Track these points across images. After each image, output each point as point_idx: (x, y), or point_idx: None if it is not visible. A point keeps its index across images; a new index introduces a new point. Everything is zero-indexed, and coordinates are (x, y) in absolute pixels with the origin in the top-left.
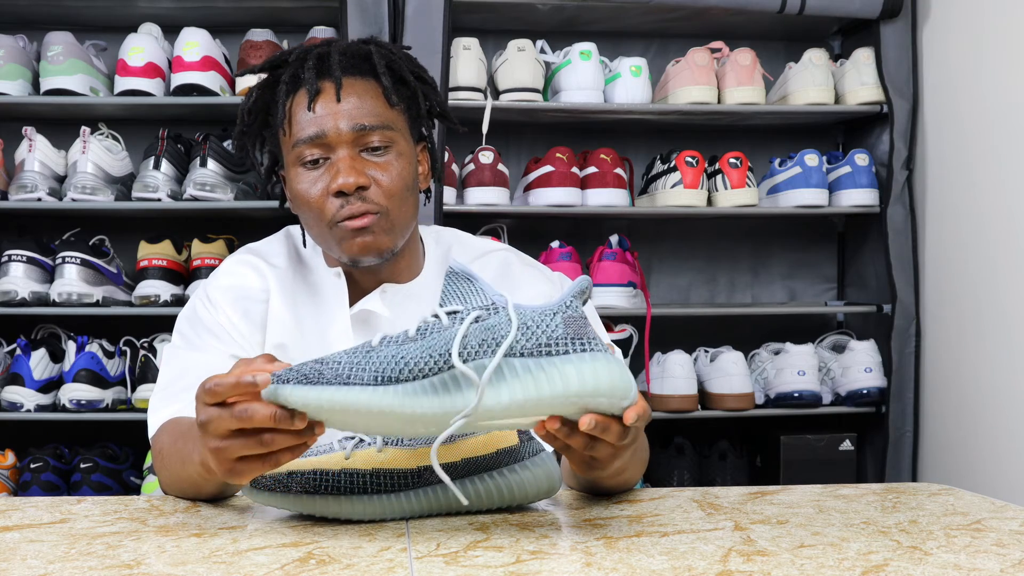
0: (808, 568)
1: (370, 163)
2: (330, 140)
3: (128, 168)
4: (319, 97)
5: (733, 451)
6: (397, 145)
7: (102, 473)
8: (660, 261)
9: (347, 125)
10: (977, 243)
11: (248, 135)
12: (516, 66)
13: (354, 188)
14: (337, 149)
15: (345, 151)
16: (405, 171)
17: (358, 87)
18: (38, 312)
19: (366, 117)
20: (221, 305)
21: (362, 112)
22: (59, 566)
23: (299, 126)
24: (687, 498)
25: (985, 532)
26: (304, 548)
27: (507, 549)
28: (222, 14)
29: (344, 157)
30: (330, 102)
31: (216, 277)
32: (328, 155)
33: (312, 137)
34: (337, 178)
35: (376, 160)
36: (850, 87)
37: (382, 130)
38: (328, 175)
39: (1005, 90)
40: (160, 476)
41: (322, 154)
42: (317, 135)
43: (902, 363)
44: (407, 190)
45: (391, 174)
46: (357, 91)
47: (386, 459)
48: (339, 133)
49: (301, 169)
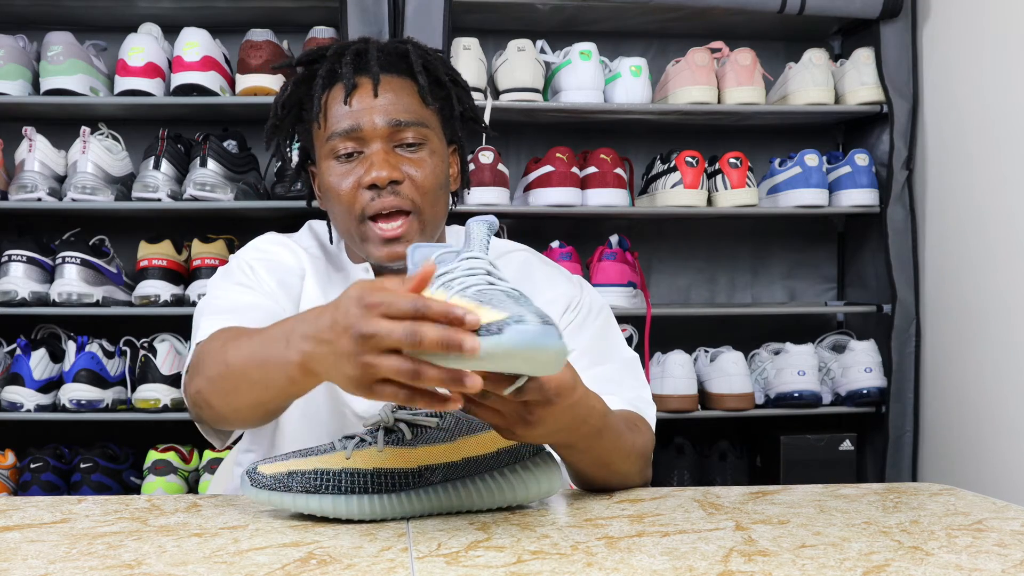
0: (809, 568)
1: (404, 159)
2: (365, 134)
3: (128, 168)
4: (356, 92)
5: (733, 451)
6: (431, 143)
7: (102, 473)
8: (660, 261)
9: (382, 120)
10: (977, 243)
11: (280, 129)
12: (516, 66)
13: (387, 182)
14: (371, 143)
15: (379, 145)
16: (438, 169)
17: (395, 84)
18: (38, 312)
19: (402, 113)
20: (258, 270)
21: (398, 108)
22: (60, 566)
23: (334, 119)
24: (688, 498)
25: (986, 532)
26: (305, 548)
27: (508, 549)
28: (222, 14)
29: (378, 151)
30: (366, 97)
31: (247, 250)
32: (362, 149)
33: (347, 130)
34: (371, 171)
35: (410, 156)
36: (850, 87)
37: (417, 127)
38: (361, 168)
39: (1005, 90)
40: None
41: (356, 148)
42: (352, 128)
43: (902, 363)
44: (440, 188)
45: (424, 171)
46: (394, 88)
47: (387, 459)
48: (374, 127)
49: (334, 162)
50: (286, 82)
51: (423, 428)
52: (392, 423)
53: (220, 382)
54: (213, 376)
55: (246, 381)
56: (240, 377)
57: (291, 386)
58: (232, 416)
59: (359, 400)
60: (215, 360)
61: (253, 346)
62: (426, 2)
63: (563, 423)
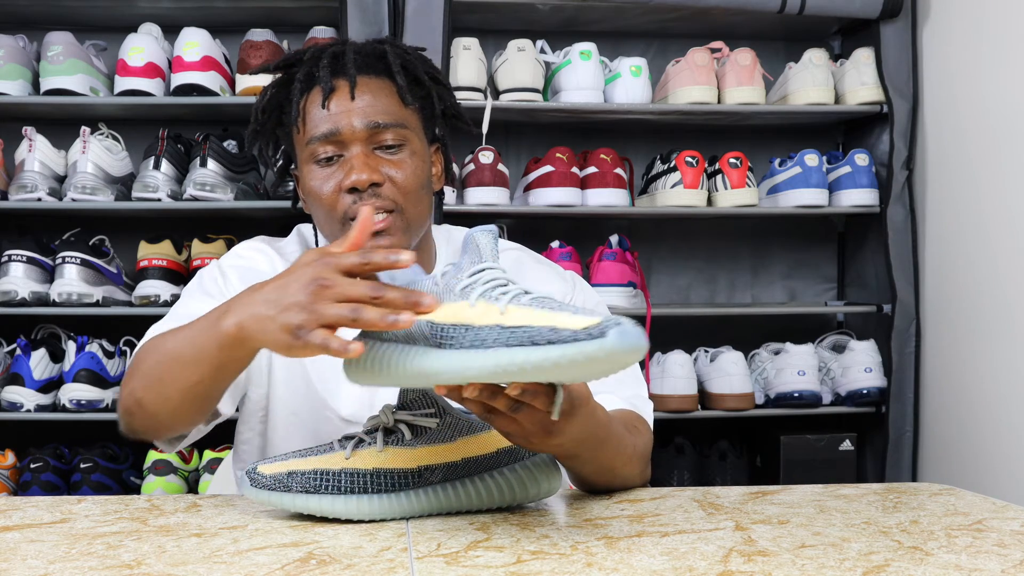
0: (809, 568)
1: (384, 160)
2: (344, 137)
3: (128, 168)
4: (333, 95)
5: (733, 451)
6: (411, 144)
7: (102, 473)
8: (660, 261)
9: (361, 122)
10: (977, 243)
11: (261, 134)
12: (516, 66)
13: (367, 185)
14: (351, 146)
15: (359, 148)
16: (419, 169)
17: (372, 86)
18: (38, 312)
19: (380, 115)
20: (231, 278)
21: (376, 110)
22: (60, 566)
23: (313, 123)
24: (688, 498)
25: (986, 532)
26: (304, 548)
27: (508, 549)
28: (222, 14)
29: (358, 154)
30: (344, 100)
31: (228, 257)
32: (342, 152)
33: (326, 134)
34: (351, 175)
35: (390, 158)
36: (850, 87)
37: (396, 128)
38: (341, 172)
39: (1005, 90)
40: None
41: (336, 151)
42: (331, 132)
43: (902, 363)
44: (421, 188)
45: (405, 172)
46: (371, 89)
47: (386, 459)
48: (353, 130)
49: (314, 166)
50: (265, 87)
51: (423, 428)
52: (392, 423)
53: (152, 372)
54: (145, 370)
55: (178, 363)
56: (173, 360)
57: (221, 354)
58: (162, 409)
59: (345, 405)
60: (149, 356)
61: (186, 330)
62: (426, 2)
63: (577, 433)
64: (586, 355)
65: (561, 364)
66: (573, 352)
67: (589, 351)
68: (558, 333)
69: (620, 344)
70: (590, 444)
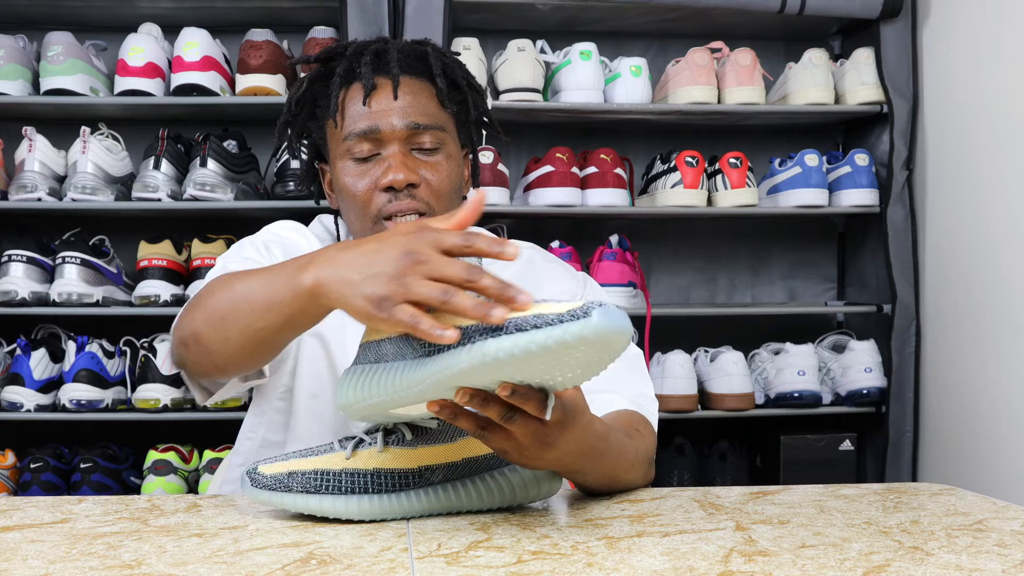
0: (809, 568)
1: (421, 162)
2: (383, 136)
3: (128, 168)
4: (375, 92)
5: (733, 451)
6: (447, 147)
7: (102, 473)
8: (660, 261)
9: (401, 122)
10: (977, 243)
11: (293, 125)
12: (516, 66)
13: (404, 185)
14: (389, 145)
15: (397, 147)
16: (454, 173)
17: (413, 86)
18: (38, 312)
19: (420, 116)
20: (273, 250)
21: (416, 111)
22: (60, 566)
23: (352, 119)
24: (688, 498)
25: (987, 532)
26: (305, 548)
27: (508, 549)
28: (222, 14)
29: (396, 153)
30: (386, 98)
31: (261, 233)
32: (379, 150)
33: (365, 131)
34: (388, 173)
35: (427, 159)
36: (850, 87)
37: (434, 130)
38: (378, 170)
39: (1005, 90)
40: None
41: (373, 149)
42: (370, 130)
43: (902, 363)
44: (454, 192)
45: (440, 174)
46: (412, 90)
47: (387, 459)
48: (393, 129)
49: (350, 162)
50: (301, 78)
51: (423, 428)
52: (392, 424)
53: (218, 308)
54: (211, 304)
55: (246, 304)
56: (242, 300)
57: (293, 306)
58: (219, 348)
59: None
60: (217, 291)
61: (261, 274)
62: (426, 2)
63: (574, 445)
64: (572, 335)
65: (548, 346)
66: (559, 333)
67: (574, 330)
68: (543, 318)
69: (604, 323)
70: (589, 457)
